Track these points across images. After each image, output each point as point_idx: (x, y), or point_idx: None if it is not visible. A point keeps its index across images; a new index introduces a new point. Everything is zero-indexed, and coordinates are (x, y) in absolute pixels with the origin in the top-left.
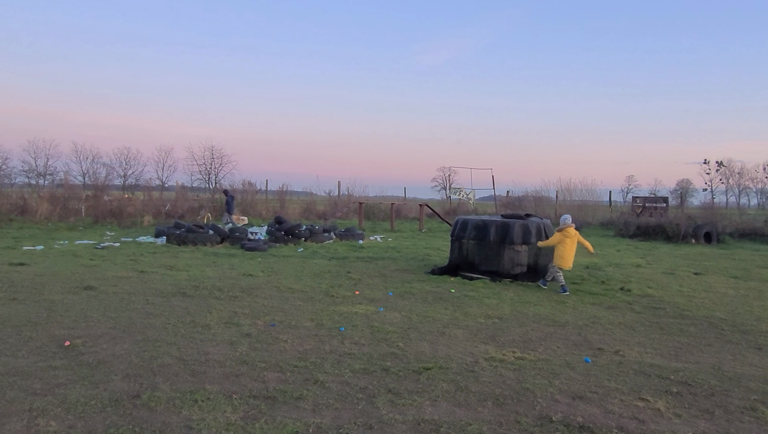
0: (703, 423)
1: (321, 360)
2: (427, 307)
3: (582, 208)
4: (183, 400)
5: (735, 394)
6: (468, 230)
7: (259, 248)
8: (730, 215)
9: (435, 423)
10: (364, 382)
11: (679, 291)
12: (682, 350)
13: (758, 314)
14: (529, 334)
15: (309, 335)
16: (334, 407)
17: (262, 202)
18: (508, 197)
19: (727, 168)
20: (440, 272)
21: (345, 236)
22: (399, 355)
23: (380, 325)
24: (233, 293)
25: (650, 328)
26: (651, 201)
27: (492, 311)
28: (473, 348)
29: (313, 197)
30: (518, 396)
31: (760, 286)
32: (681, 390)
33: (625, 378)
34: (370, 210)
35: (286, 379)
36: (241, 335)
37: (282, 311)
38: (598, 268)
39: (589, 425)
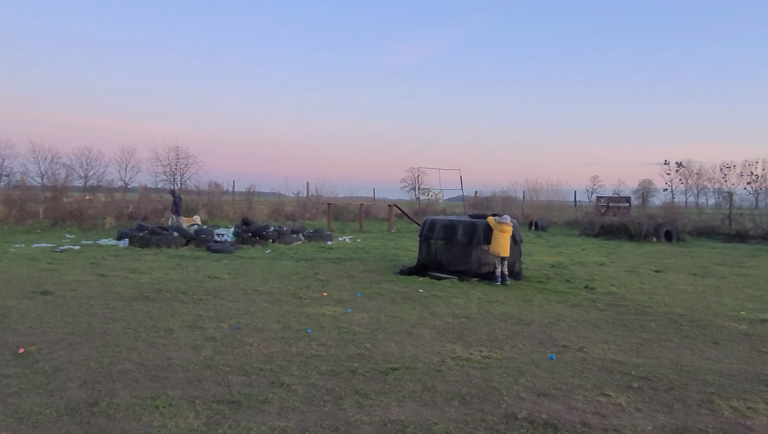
0: (663, 417)
1: (287, 363)
2: (395, 307)
3: (548, 208)
4: (143, 407)
5: (693, 388)
6: (436, 230)
7: (225, 250)
8: (689, 214)
9: (402, 424)
10: (330, 384)
11: (641, 289)
12: (643, 346)
13: (715, 309)
14: (495, 333)
15: (275, 337)
16: (300, 410)
17: (229, 203)
18: (476, 197)
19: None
20: (408, 273)
21: (313, 237)
22: (366, 356)
23: (348, 326)
24: (198, 296)
25: (613, 325)
26: (614, 201)
27: (459, 311)
28: (440, 348)
29: (281, 198)
30: (484, 395)
31: (717, 282)
32: (642, 385)
33: (589, 374)
34: (339, 211)
35: (251, 383)
36: (206, 338)
37: (248, 314)
38: (564, 267)
39: (553, 421)
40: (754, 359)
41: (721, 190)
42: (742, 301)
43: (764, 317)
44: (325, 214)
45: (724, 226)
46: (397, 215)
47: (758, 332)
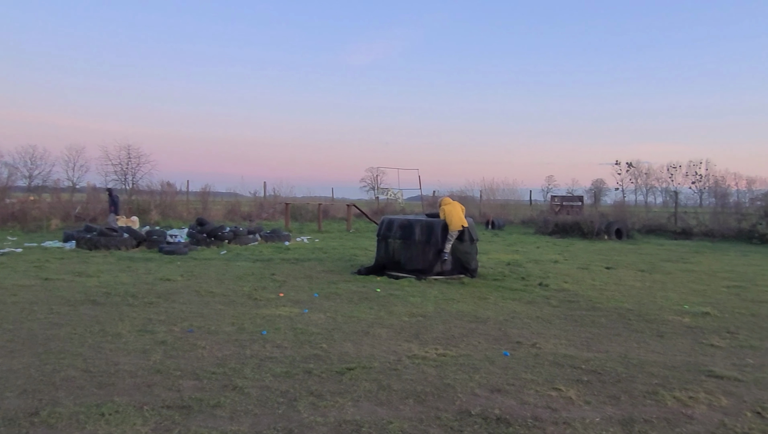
0: (610, 409)
1: (241, 365)
2: (353, 307)
3: (504, 207)
4: (88, 415)
5: (639, 380)
6: (394, 229)
7: (178, 252)
8: (639, 213)
9: (356, 424)
10: (285, 386)
11: (592, 285)
12: (593, 340)
13: (661, 304)
14: (451, 331)
15: (229, 340)
16: (253, 413)
17: (182, 203)
18: (434, 196)
19: (636, 169)
20: (367, 272)
21: (271, 237)
22: (322, 357)
23: (304, 327)
24: (148, 299)
25: (565, 321)
26: (568, 200)
27: (416, 310)
28: (397, 347)
29: (237, 198)
30: (439, 392)
31: (664, 278)
32: (591, 379)
33: (541, 369)
34: (297, 211)
35: (203, 387)
36: (156, 342)
37: (201, 317)
38: (519, 265)
39: (505, 417)
40: (695, 350)
41: (668, 189)
42: (685, 295)
43: (705, 310)
44: (283, 214)
45: (671, 224)
46: (356, 215)
47: (700, 324)
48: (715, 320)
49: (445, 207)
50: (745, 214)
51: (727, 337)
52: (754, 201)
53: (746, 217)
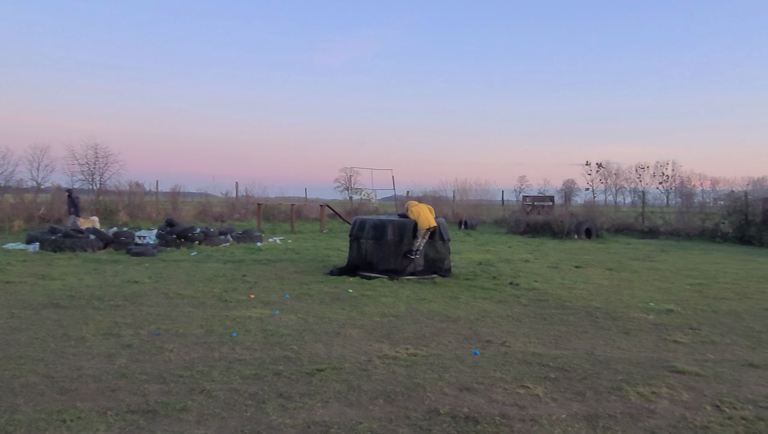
0: (576, 405)
1: (209, 368)
2: (324, 308)
3: (477, 207)
4: (48, 421)
5: (604, 376)
6: (366, 229)
7: (147, 253)
8: (608, 212)
9: (325, 425)
10: (254, 388)
11: (562, 284)
12: (562, 338)
13: (627, 302)
14: (422, 330)
15: (197, 342)
16: (221, 416)
17: (152, 204)
18: (408, 197)
19: (605, 169)
20: (339, 273)
21: (242, 238)
22: (292, 358)
23: (275, 328)
24: (115, 302)
25: (534, 319)
26: (539, 200)
27: (388, 310)
28: (368, 347)
29: (209, 198)
30: (409, 392)
31: (630, 276)
32: (558, 376)
33: (510, 367)
34: (269, 211)
35: (170, 391)
36: (121, 346)
37: (169, 319)
38: (491, 264)
39: (474, 415)
40: (659, 347)
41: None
42: (651, 293)
43: (669, 307)
44: (255, 215)
45: (638, 223)
46: (330, 216)
47: (664, 321)
48: (679, 317)
49: (412, 209)
50: (709, 213)
51: (689, 333)
52: (717, 201)
53: (710, 216)
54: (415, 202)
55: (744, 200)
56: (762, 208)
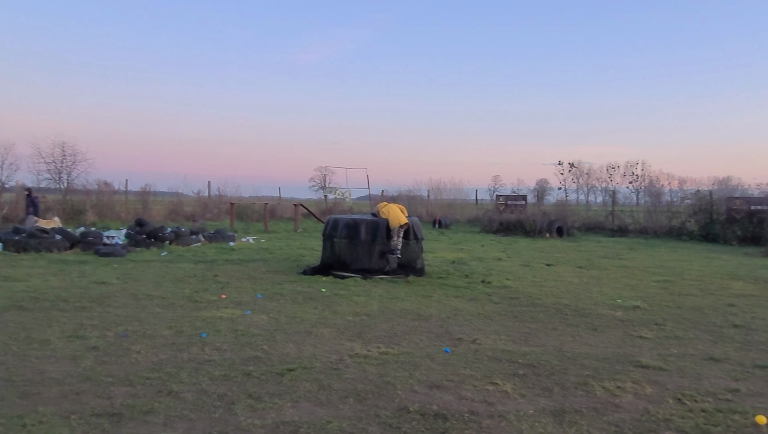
0: (543, 400)
1: (177, 370)
2: (296, 307)
3: (451, 206)
4: (8, 426)
5: (571, 372)
6: (339, 229)
7: (115, 254)
8: (579, 211)
9: (295, 425)
10: (223, 389)
11: (533, 282)
12: (531, 335)
13: (596, 299)
14: (394, 329)
15: (166, 344)
16: (188, 418)
17: (121, 203)
18: (382, 196)
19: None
20: (312, 273)
21: (214, 238)
22: (263, 358)
23: (245, 329)
24: (81, 304)
25: (505, 317)
26: (512, 199)
27: (360, 309)
28: (339, 346)
29: (180, 197)
30: (379, 390)
31: (600, 274)
32: (527, 372)
33: (480, 364)
34: (243, 211)
35: (136, 393)
36: (87, 348)
37: (137, 320)
38: (464, 262)
39: (443, 412)
40: (625, 342)
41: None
42: (619, 290)
43: (636, 304)
44: (228, 214)
45: (608, 222)
46: (304, 215)
47: (631, 318)
48: (645, 313)
49: (383, 209)
50: (676, 212)
51: (654, 329)
52: (684, 200)
53: (676, 215)
54: (385, 202)
55: (709, 199)
56: (726, 207)
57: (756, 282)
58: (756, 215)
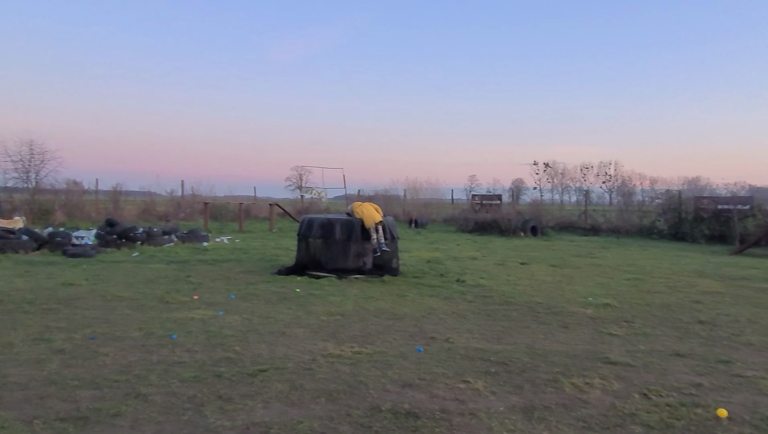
0: (514, 398)
1: (146, 372)
2: (270, 308)
3: (428, 206)
4: None
5: (542, 369)
6: (314, 228)
7: (85, 254)
8: (553, 211)
9: (265, 425)
10: (193, 391)
11: (507, 280)
12: (504, 333)
13: (568, 297)
14: (368, 328)
15: (135, 346)
16: (157, 421)
17: (91, 203)
18: (359, 195)
19: (552, 169)
20: (287, 272)
21: (188, 238)
22: (234, 359)
23: (217, 330)
24: (48, 306)
25: (479, 315)
26: (488, 199)
27: (335, 309)
28: (312, 346)
29: (152, 197)
30: (352, 390)
31: (572, 272)
32: (498, 370)
33: (452, 363)
34: (217, 211)
35: (103, 396)
36: (52, 351)
37: (106, 322)
38: (439, 262)
39: (414, 410)
40: (595, 339)
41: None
42: (591, 288)
43: (607, 301)
44: (202, 214)
45: (581, 221)
46: (280, 215)
47: (601, 315)
48: (615, 311)
49: (356, 209)
50: (647, 211)
51: (624, 326)
52: (654, 199)
53: (647, 214)
54: (359, 202)
55: (678, 199)
56: (694, 206)
57: (722, 280)
58: (723, 214)
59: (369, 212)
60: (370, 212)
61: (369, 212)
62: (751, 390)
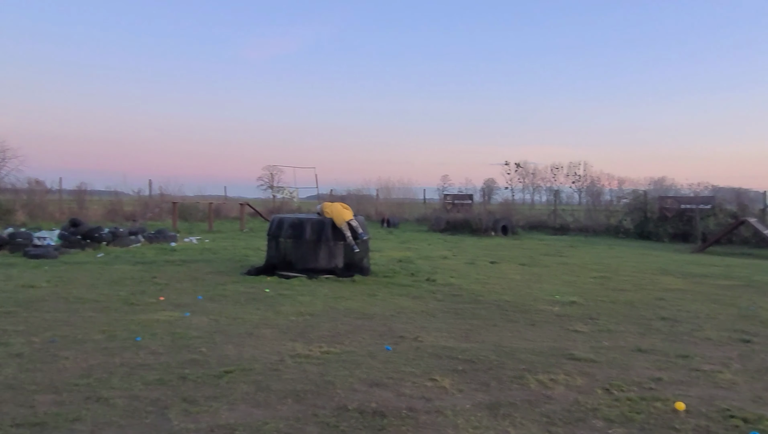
0: (480, 395)
1: (108, 375)
2: (239, 309)
3: (400, 205)
4: None
5: (508, 366)
6: (284, 228)
7: (47, 255)
8: (523, 210)
9: (230, 427)
10: (156, 394)
11: (477, 279)
12: (472, 331)
13: (536, 295)
14: (338, 328)
15: (97, 349)
16: (118, 424)
17: (54, 203)
18: (331, 195)
19: (523, 169)
20: (257, 273)
21: (155, 238)
22: (200, 361)
23: (184, 331)
24: (5, 309)
25: (448, 314)
26: (459, 198)
27: (305, 309)
28: (280, 347)
29: (119, 196)
30: (319, 390)
31: (541, 271)
32: (465, 368)
33: (420, 361)
34: (186, 211)
35: (62, 401)
36: (10, 356)
37: (68, 325)
38: (410, 261)
39: (381, 409)
40: (561, 336)
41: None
42: (558, 286)
43: (573, 299)
44: (171, 214)
45: (551, 220)
46: (251, 214)
47: (568, 313)
48: (581, 308)
49: (326, 208)
50: (614, 211)
51: (589, 323)
52: (621, 199)
53: (614, 214)
54: (328, 202)
55: (644, 199)
56: (659, 206)
57: (684, 277)
58: (686, 214)
59: (338, 211)
60: (339, 211)
61: (338, 211)
62: (708, 384)
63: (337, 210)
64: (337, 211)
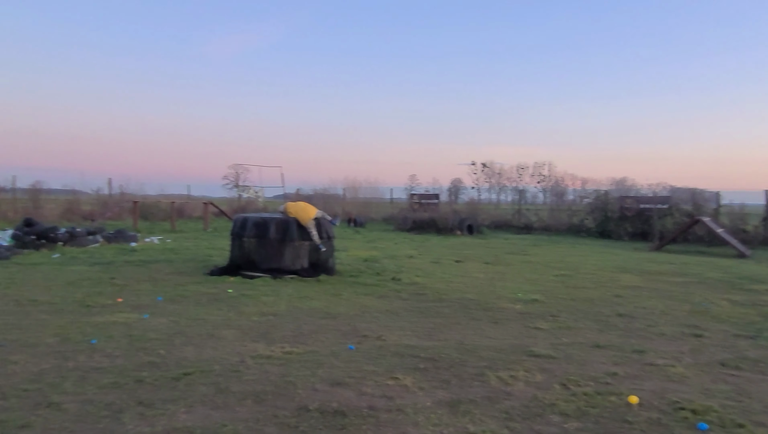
0: (441, 392)
1: (61, 379)
2: (200, 309)
3: (367, 205)
4: None
5: (470, 364)
6: (248, 228)
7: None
8: (489, 210)
9: (188, 430)
10: (111, 397)
11: (442, 278)
12: (436, 330)
13: (499, 293)
14: (301, 328)
15: (50, 352)
16: (69, 430)
17: (8, 202)
18: (297, 194)
19: (490, 169)
20: (220, 273)
21: (115, 238)
22: (158, 363)
23: (142, 333)
24: None
25: (412, 313)
26: (426, 198)
27: (268, 309)
28: (242, 348)
29: (77, 195)
30: (280, 391)
31: (505, 269)
32: (427, 366)
33: (383, 360)
34: (148, 210)
35: (10, 406)
36: None
37: (18, 328)
38: (376, 260)
39: (342, 409)
40: (522, 334)
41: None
42: (521, 284)
43: (535, 297)
44: (131, 213)
45: (515, 219)
46: (216, 214)
47: (529, 310)
48: (542, 306)
49: (290, 208)
50: (576, 210)
51: (550, 320)
52: (583, 199)
53: (576, 213)
54: (290, 202)
55: (605, 198)
56: (619, 205)
57: (641, 274)
58: (645, 213)
59: (302, 210)
60: (303, 209)
61: (302, 209)
62: (661, 378)
63: (301, 208)
64: (301, 209)
